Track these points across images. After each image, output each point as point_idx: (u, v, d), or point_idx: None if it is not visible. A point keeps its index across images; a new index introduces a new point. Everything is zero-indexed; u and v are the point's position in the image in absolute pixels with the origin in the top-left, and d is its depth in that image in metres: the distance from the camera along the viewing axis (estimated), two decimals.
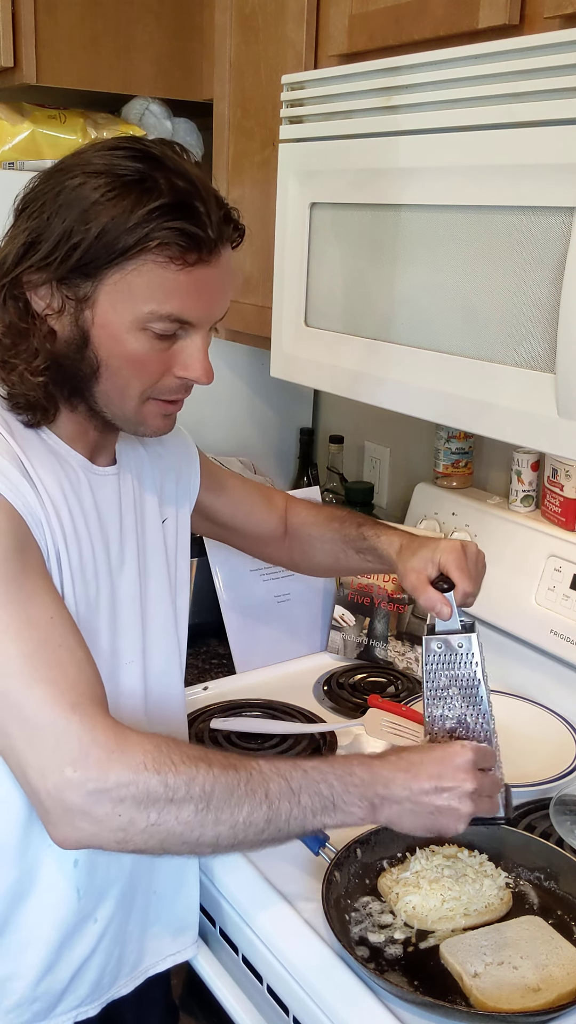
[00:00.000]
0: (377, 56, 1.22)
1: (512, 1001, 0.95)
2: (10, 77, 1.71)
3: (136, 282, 0.93)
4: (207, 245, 0.94)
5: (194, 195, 0.93)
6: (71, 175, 0.93)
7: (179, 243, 0.92)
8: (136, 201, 0.90)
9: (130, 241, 0.91)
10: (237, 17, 1.60)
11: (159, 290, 0.93)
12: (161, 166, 0.93)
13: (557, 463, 1.54)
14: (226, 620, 1.66)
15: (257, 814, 0.89)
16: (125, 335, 0.95)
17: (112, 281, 0.93)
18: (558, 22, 1.03)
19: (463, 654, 1.08)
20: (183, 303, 0.95)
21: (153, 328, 0.95)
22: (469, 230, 1.11)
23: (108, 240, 0.91)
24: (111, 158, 0.93)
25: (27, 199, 0.97)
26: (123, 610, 1.07)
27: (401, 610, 1.69)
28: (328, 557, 1.40)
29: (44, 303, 0.95)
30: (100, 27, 1.72)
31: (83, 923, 1.04)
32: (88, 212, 0.91)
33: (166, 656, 1.14)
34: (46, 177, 0.96)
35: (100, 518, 1.04)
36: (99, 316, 0.94)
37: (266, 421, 2.12)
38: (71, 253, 0.91)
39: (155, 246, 0.91)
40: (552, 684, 1.51)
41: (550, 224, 1.01)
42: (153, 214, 0.90)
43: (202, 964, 1.19)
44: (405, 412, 1.25)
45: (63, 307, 0.95)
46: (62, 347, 0.96)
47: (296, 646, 1.72)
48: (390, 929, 1.07)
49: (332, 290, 1.35)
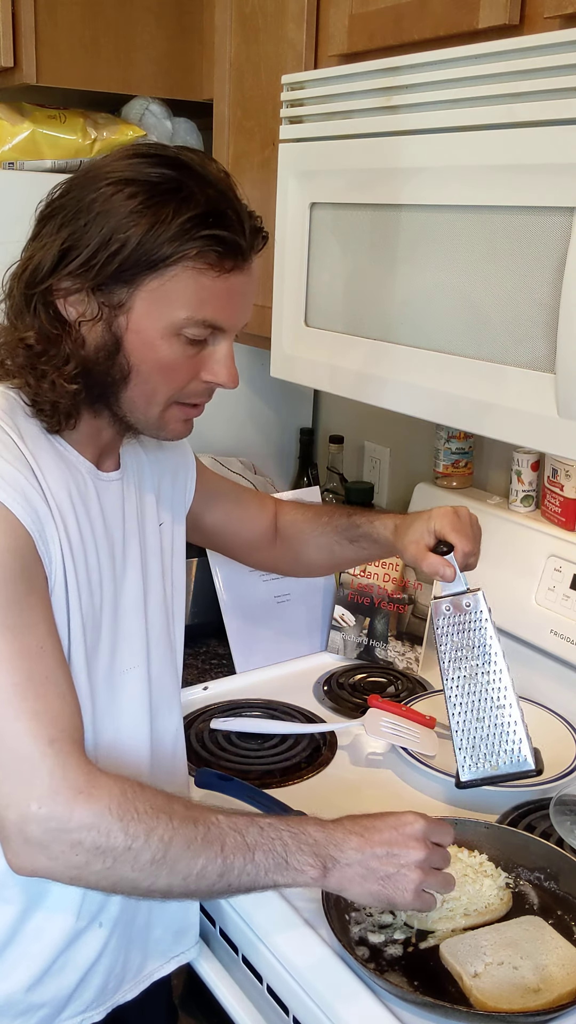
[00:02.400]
0: (377, 56, 1.22)
1: (512, 1001, 0.95)
2: (10, 77, 1.71)
3: (174, 289, 0.94)
4: (242, 253, 0.96)
5: (227, 203, 0.95)
6: (104, 182, 0.93)
7: (216, 250, 0.93)
8: (175, 210, 0.91)
9: (170, 250, 0.92)
10: (237, 17, 1.60)
11: (195, 297, 0.94)
12: (193, 174, 0.94)
13: (557, 463, 1.54)
14: (226, 620, 1.66)
15: (211, 868, 0.90)
16: (159, 341, 0.96)
17: (150, 288, 0.93)
18: (558, 22, 1.03)
19: (471, 613, 1.10)
20: (217, 309, 0.96)
21: (187, 334, 0.96)
22: (469, 230, 1.11)
23: (148, 248, 0.92)
24: (142, 165, 0.94)
25: (55, 206, 0.97)
26: (125, 616, 1.07)
27: (401, 610, 1.69)
28: (322, 552, 1.40)
29: (77, 310, 0.95)
30: (100, 27, 1.72)
31: (89, 928, 1.04)
32: (127, 220, 0.91)
33: (164, 660, 1.14)
34: (74, 185, 0.96)
35: (105, 524, 1.04)
36: (134, 322, 0.95)
37: (266, 421, 2.12)
38: (111, 260, 0.92)
39: (194, 254, 0.93)
40: (552, 684, 1.51)
41: (550, 224, 1.01)
42: (191, 223, 0.92)
43: (202, 964, 1.19)
44: (405, 412, 1.25)
45: (98, 314, 0.95)
46: (92, 353, 0.97)
47: (296, 646, 1.72)
48: (390, 929, 1.07)
49: (332, 290, 1.35)
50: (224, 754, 1.39)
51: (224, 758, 1.38)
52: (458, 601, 1.11)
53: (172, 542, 1.18)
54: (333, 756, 1.41)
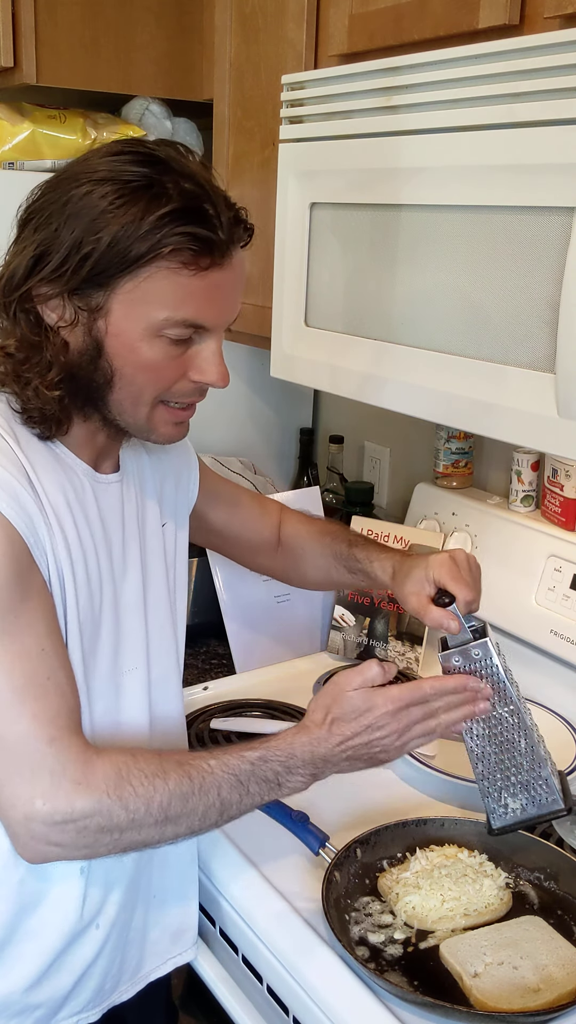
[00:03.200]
0: (377, 56, 1.22)
1: (512, 1001, 0.95)
2: (10, 77, 1.71)
3: (150, 289, 0.92)
4: (219, 248, 0.93)
5: (203, 198, 0.92)
6: (76, 183, 0.92)
7: (191, 248, 0.91)
8: (146, 208, 0.89)
9: (142, 249, 0.90)
10: (237, 17, 1.60)
11: (173, 296, 0.92)
12: (168, 169, 0.92)
13: (557, 463, 1.54)
14: (226, 620, 1.66)
15: (211, 811, 0.96)
16: (139, 343, 0.94)
17: (125, 290, 0.92)
18: (558, 22, 1.03)
19: (482, 661, 1.08)
20: (198, 308, 0.94)
21: (168, 334, 0.94)
22: (469, 230, 1.11)
23: (120, 249, 0.90)
24: (116, 163, 0.92)
25: (31, 210, 0.95)
26: (126, 617, 1.07)
27: (401, 610, 1.69)
28: (319, 572, 1.39)
29: (56, 315, 0.94)
30: (100, 27, 1.72)
31: (86, 930, 1.04)
32: (97, 221, 0.89)
33: (166, 661, 1.14)
34: (50, 187, 0.95)
35: (104, 526, 1.04)
36: (113, 325, 0.93)
37: (266, 421, 2.12)
38: (83, 264, 0.91)
39: (168, 252, 0.90)
40: (552, 684, 1.51)
41: (550, 224, 1.01)
42: (164, 220, 0.89)
43: (202, 964, 1.19)
44: (405, 412, 1.25)
45: (76, 318, 0.94)
46: (75, 358, 0.96)
47: (296, 646, 1.72)
48: (390, 929, 1.07)
49: (332, 290, 1.35)
50: None
51: None
52: (467, 651, 1.08)
53: (175, 543, 1.18)
54: None
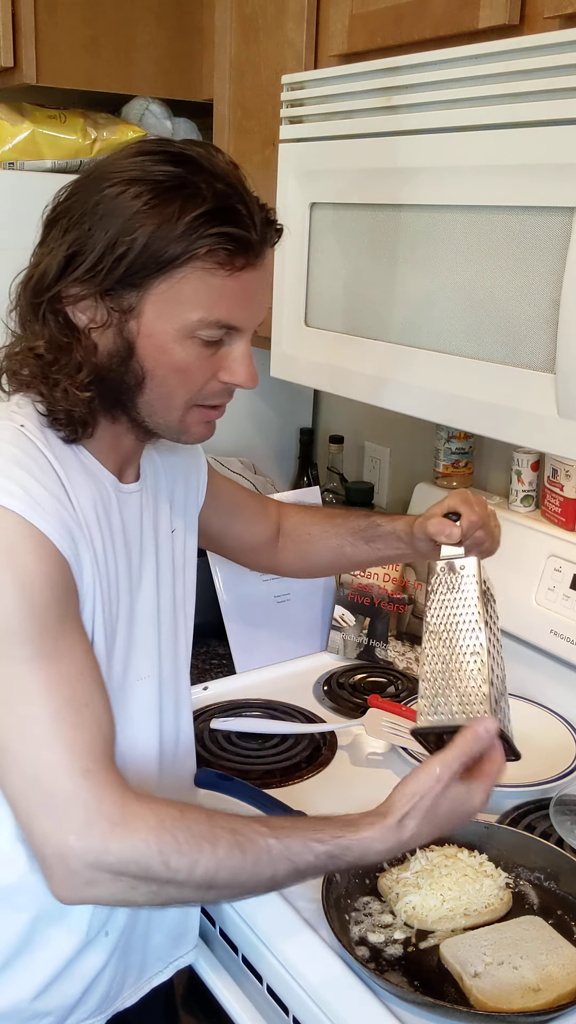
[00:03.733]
0: (377, 56, 1.22)
1: (512, 1001, 0.95)
2: (10, 77, 1.71)
3: (184, 290, 0.91)
4: (253, 248, 0.92)
5: (236, 198, 0.91)
6: (108, 183, 0.90)
7: (227, 248, 0.90)
8: (181, 208, 0.88)
9: (178, 250, 0.89)
10: (237, 17, 1.60)
11: (207, 297, 0.91)
12: (200, 169, 0.91)
13: (557, 463, 1.54)
14: (226, 620, 1.66)
15: (260, 887, 0.91)
16: (172, 344, 0.93)
17: (159, 291, 0.91)
18: (558, 22, 1.03)
19: (462, 574, 1.11)
20: (231, 309, 0.93)
21: (200, 335, 0.93)
22: (469, 230, 1.11)
23: (155, 250, 0.88)
24: (147, 163, 0.91)
25: (60, 210, 0.94)
26: (139, 626, 1.06)
27: (401, 610, 1.69)
28: (330, 553, 1.39)
29: (86, 316, 0.93)
30: (100, 27, 1.72)
31: (97, 937, 1.04)
32: (132, 221, 0.88)
33: (176, 667, 1.13)
34: (79, 187, 0.94)
35: (125, 536, 1.03)
36: (145, 326, 0.92)
37: (266, 421, 2.12)
38: (117, 264, 0.89)
39: (203, 253, 0.89)
40: (552, 684, 1.51)
41: (550, 224, 1.01)
42: (199, 220, 0.88)
43: (202, 965, 1.19)
44: (405, 412, 1.25)
45: (108, 319, 0.92)
46: (104, 359, 0.94)
47: (296, 646, 1.72)
48: (390, 929, 1.07)
49: (332, 290, 1.35)
50: (224, 754, 1.39)
51: (224, 758, 1.38)
52: (452, 563, 1.13)
53: (184, 547, 1.16)
54: (333, 756, 1.41)
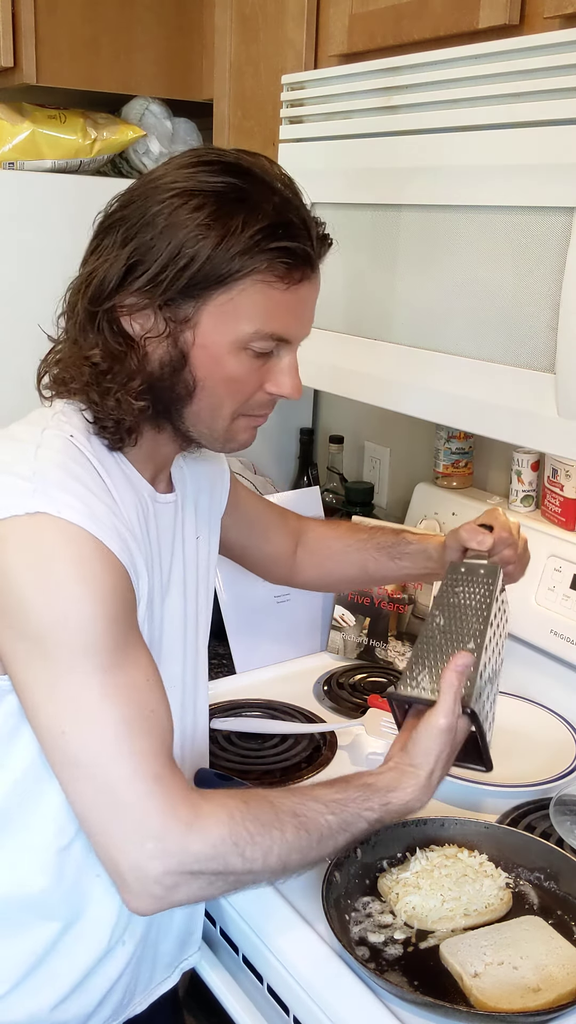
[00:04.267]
0: (377, 56, 1.22)
1: (512, 1001, 0.95)
2: (10, 77, 1.71)
3: (242, 303, 0.92)
4: (310, 262, 0.95)
5: (293, 212, 0.93)
6: (167, 193, 0.91)
7: (286, 262, 0.92)
8: (244, 222, 0.89)
9: (239, 263, 0.90)
10: (237, 17, 1.60)
11: (264, 310, 0.93)
12: (258, 180, 0.92)
13: (557, 463, 1.54)
14: (226, 620, 1.66)
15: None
16: (226, 355, 0.94)
17: (218, 303, 0.92)
18: (558, 22, 1.03)
19: (484, 579, 1.10)
20: (285, 322, 0.95)
21: (254, 347, 0.95)
22: (469, 230, 1.11)
23: (217, 263, 0.90)
24: (204, 174, 0.92)
25: (115, 218, 0.95)
26: (167, 637, 1.06)
27: (401, 610, 1.69)
28: (353, 568, 1.39)
29: (141, 326, 0.94)
30: (100, 27, 1.72)
31: (115, 947, 1.04)
32: (194, 233, 0.89)
33: (196, 673, 1.14)
34: (135, 196, 0.94)
35: (160, 545, 1.03)
36: (201, 337, 0.93)
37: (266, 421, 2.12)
38: (179, 276, 0.90)
39: (264, 267, 0.91)
40: (552, 684, 1.51)
41: (550, 224, 1.01)
42: (260, 235, 0.90)
43: (203, 964, 1.19)
44: (405, 412, 1.25)
45: (165, 329, 0.93)
46: (157, 369, 0.95)
47: (296, 646, 1.72)
48: (390, 929, 1.07)
49: (332, 290, 1.35)
50: (224, 754, 1.39)
51: (224, 758, 1.38)
52: (475, 567, 1.12)
53: (208, 555, 1.17)
54: (333, 756, 1.41)
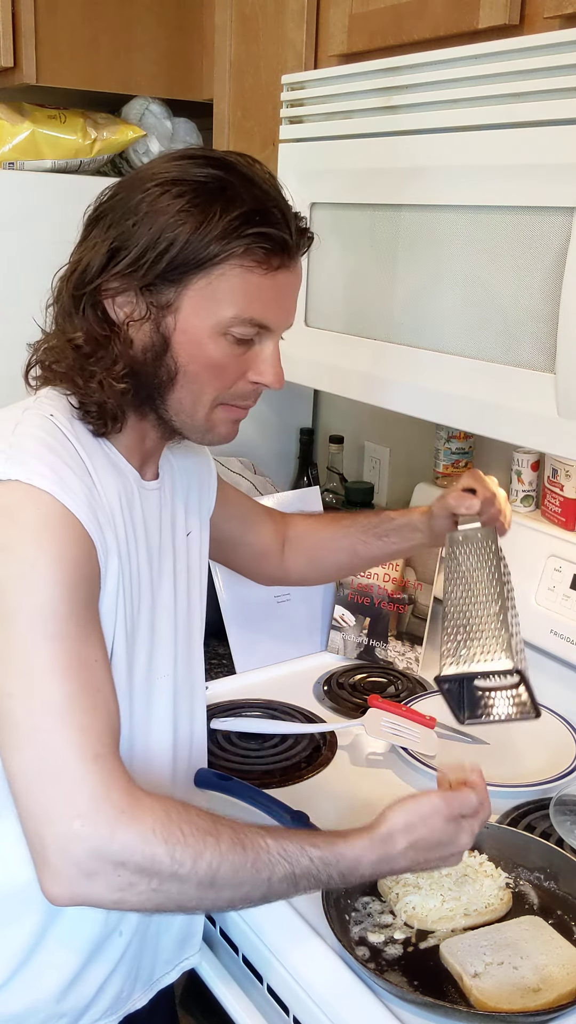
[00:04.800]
0: (377, 56, 1.22)
1: (512, 1001, 0.95)
2: (10, 77, 1.71)
3: (221, 287, 0.94)
4: (288, 250, 0.96)
5: (272, 203, 0.95)
6: (151, 183, 0.94)
7: (264, 247, 0.93)
8: (222, 208, 0.92)
9: (217, 248, 0.92)
10: (237, 17, 1.60)
11: (243, 295, 0.94)
12: (239, 173, 0.95)
13: (557, 463, 1.54)
14: (226, 620, 1.66)
15: (256, 893, 0.90)
16: (206, 340, 0.96)
17: (197, 287, 0.94)
18: (558, 22, 1.03)
19: (482, 541, 1.15)
20: (264, 308, 0.96)
21: (234, 333, 0.96)
22: (469, 230, 1.11)
23: (196, 247, 0.92)
24: (188, 166, 0.94)
25: (102, 209, 0.97)
26: (160, 625, 1.07)
27: (401, 610, 1.69)
28: (343, 553, 1.40)
29: (124, 311, 0.96)
30: (100, 27, 1.72)
31: (110, 937, 1.04)
32: (174, 220, 0.91)
33: (191, 668, 1.14)
34: (121, 188, 0.97)
35: (147, 532, 1.05)
36: (181, 322, 0.95)
37: (266, 421, 2.12)
38: (159, 260, 0.92)
39: (241, 252, 0.93)
40: (552, 684, 1.51)
41: (550, 224, 1.01)
42: (238, 220, 0.92)
43: (202, 964, 1.19)
44: (405, 412, 1.25)
45: (146, 314, 0.95)
46: (140, 354, 0.97)
47: (296, 646, 1.72)
48: (390, 929, 1.07)
49: (332, 290, 1.35)
50: (224, 754, 1.39)
51: (224, 758, 1.38)
52: (473, 532, 1.16)
53: (199, 552, 1.18)
54: (333, 756, 1.41)
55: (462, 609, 1.11)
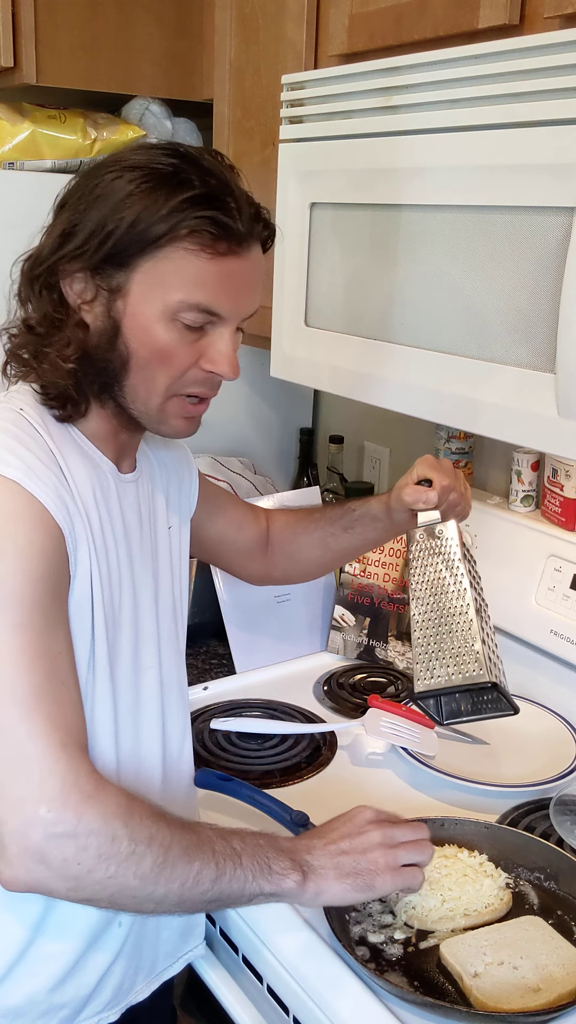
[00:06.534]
0: (377, 56, 1.22)
1: (512, 1001, 0.95)
2: (10, 77, 1.71)
3: (167, 270, 0.94)
4: (236, 236, 0.95)
5: (226, 191, 0.95)
6: (108, 170, 0.95)
7: (210, 231, 0.93)
8: (169, 192, 0.92)
9: (162, 229, 0.92)
10: (237, 17, 1.60)
11: (189, 279, 0.94)
12: (196, 163, 0.95)
13: (557, 463, 1.54)
14: (226, 620, 1.66)
15: (206, 872, 0.91)
16: (155, 324, 0.96)
17: (144, 270, 0.94)
18: (558, 22, 1.03)
19: (442, 539, 1.16)
20: (212, 293, 0.96)
21: (183, 318, 0.96)
22: (469, 230, 1.11)
23: (141, 229, 0.92)
24: (148, 154, 0.96)
25: (66, 196, 0.99)
26: (143, 618, 1.08)
27: (401, 610, 1.69)
28: (316, 548, 1.40)
29: (77, 294, 0.97)
30: (100, 27, 1.72)
31: (109, 927, 1.04)
32: (122, 202, 0.93)
33: (174, 661, 1.15)
34: (84, 175, 0.98)
35: (125, 525, 1.05)
36: (131, 306, 0.95)
37: (266, 421, 2.12)
38: (104, 242, 0.93)
39: (186, 234, 0.93)
40: (552, 684, 1.51)
41: (550, 224, 1.01)
42: (185, 203, 0.92)
43: (202, 964, 1.19)
44: (405, 412, 1.25)
45: (96, 297, 0.96)
46: (93, 339, 0.97)
47: (296, 646, 1.72)
48: (390, 929, 1.07)
49: (332, 290, 1.35)
50: (224, 754, 1.39)
51: (224, 758, 1.38)
52: (431, 529, 1.17)
53: (180, 546, 1.19)
54: (333, 756, 1.41)
55: (431, 618, 1.12)
